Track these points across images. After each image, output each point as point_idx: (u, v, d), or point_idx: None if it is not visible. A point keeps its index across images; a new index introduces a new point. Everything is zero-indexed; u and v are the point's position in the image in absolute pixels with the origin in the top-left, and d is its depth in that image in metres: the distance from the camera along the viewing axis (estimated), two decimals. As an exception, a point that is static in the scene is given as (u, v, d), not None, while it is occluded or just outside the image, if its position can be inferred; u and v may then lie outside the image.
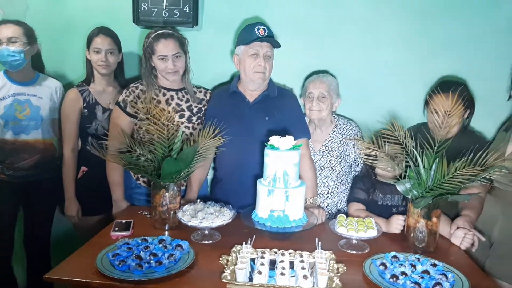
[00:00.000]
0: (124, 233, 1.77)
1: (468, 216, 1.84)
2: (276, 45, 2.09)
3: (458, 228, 1.77)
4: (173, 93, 2.20)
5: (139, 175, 2.21)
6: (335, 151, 2.28)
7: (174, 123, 1.83)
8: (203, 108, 2.25)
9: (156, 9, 2.45)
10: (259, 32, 2.02)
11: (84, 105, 2.26)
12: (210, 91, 2.34)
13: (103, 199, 2.27)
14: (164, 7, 2.45)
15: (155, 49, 2.08)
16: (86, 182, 2.32)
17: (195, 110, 2.22)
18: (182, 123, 2.17)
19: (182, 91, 2.23)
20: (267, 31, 2.04)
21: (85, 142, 2.30)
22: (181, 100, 2.21)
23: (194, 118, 2.21)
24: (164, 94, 2.18)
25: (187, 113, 2.19)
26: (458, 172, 1.60)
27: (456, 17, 2.34)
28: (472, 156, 1.65)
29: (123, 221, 1.87)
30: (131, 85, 2.19)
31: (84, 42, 2.30)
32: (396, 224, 1.85)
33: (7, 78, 2.20)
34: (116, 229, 1.80)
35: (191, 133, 2.17)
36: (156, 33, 2.09)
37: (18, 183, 2.24)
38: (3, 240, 2.30)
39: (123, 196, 2.20)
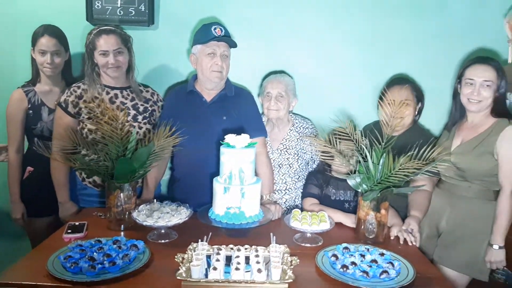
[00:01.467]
0: (77, 235, 1.74)
1: (415, 217, 1.93)
2: (232, 44, 2.10)
3: (393, 226, 1.88)
4: (117, 92, 2.16)
5: (85, 176, 2.17)
6: (293, 149, 2.33)
7: (120, 120, 1.79)
8: (149, 108, 2.21)
9: (111, 7, 2.41)
10: (215, 32, 2.03)
11: (29, 106, 2.18)
12: (158, 93, 2.31)
13: (50, 200, 2.19)
14: (119, 5, 2.41)
15: (96, 45, 2.05)
16: (32, 183, 2.24)
17: (141, 108, 2.18)
18: (128, 121, 2.10)
19: (127, 90, 2.19)
20: (223, 31, 2.06)
21: (32, 143, 2.23)
22: (126, 98, 2.17)
23: (140, 117, 2.17)
24: (108, 93, 2.13)
25: (132, 112, 2.15)
26: (404, 166, 1.69)
27: (407, 17, 2.45)
28: (417, 151, 1.74)
29: (77, 223, 1.84)
30: (73, 85, 2.13)
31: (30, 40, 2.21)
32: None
33: None
34: (69, 231, 1.76)
35: (137, 132, 2.13)
36: (98, 29, 2.08)
37: None
38: None
39: (69, 197, 2.15)
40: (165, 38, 2.48)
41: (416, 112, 2.24)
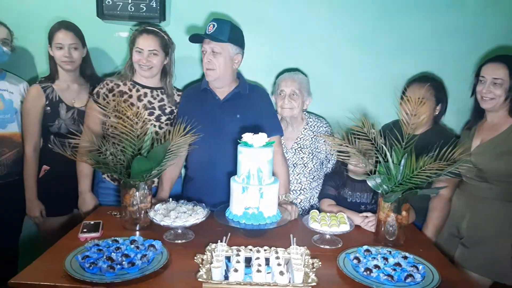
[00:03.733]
0: (93, 234, 1.71)
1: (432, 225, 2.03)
2: (215, 40, 2.00)
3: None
4: (147, 91, 2.17)
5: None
6: (307, 148, 2.30)
7: (142, 119, 1.77)
8: (175, 110, 2.22)
9: (121, 3, 2.38)
10: (207, 29, 2.02)
11: (47, 102, 2.17)
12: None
13: (66, 199, 2.21)
14: (130, 1, 2.38)
15: (135, 42, 2.09)
16: (48, 182, 2.23)
17: (167, 110, 2.19)
18: (150, 120, 2.12)
19: (158, 90, 2.19)
20: (216, 27, 2.00)
21: (47, 141, 2.20)
22: (155, 98, 2.17)
23: (163, 118, 2.17)
24: (138, 90, 2.15)
25: (157, 112, 2.16)
26: (426, 166, 1.66)
27: (424, 14, 2.41)
28: (439, 151, 1.71)
29: (92, 222, 1.81)
30: (107, 78, 2.17)
31: (45, 37, 2.20)
32: (368, 227, 1.90)
33: None
34: (85, 230, 1.73)
35: (156, 132, 2.12)
36: (143, 27, 2.11)
37: None
38: None
39: (90, 188, 2.15)
40: (177, 35, 2.44)
41: (437, 112, 2.21)
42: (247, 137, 1.75)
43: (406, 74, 2.44)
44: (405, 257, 1.56)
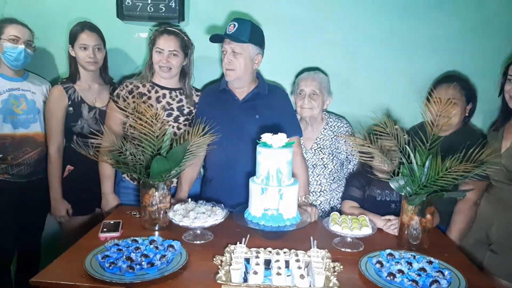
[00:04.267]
0: (113, 234, 1.71)
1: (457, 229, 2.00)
2: (236, 40, 1.99)
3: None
4: (166, 92, 2.17)
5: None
6: (327, 148, 2.26)
7: (160, 120, 1.77)
8: (193, 111, 2.22)
9: (141, 4, 2.40)
10: (228, 29, 2.00)
11: (69, 103, 2.20)
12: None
13: (89, 199, 2.23)
14: (149, 2, 2.39)
15: (156, 42, 2.10)
16: (72, 182, 2.25)
17: (186, 111, 2.19)
18: (168, 121, 2.13)
19: (176, 91, 2.20)
20: (236, 27, 1.98)
21: (70, 141, 2.23)
22: (173, 99, 2.18)
23: (181, 119, 2.17)
24: (157, 92, 2.16)
25: (175, 113, 2.16)
26: (452, 168, 1.60)
27: (448, 12, 2.35)
28: (465, 153, 1.65)
29: (112, 222, 1.82)
30: (127, 80, 2.19)
31: (65, 38, 2.23)
32: (391, 231, 1.85)
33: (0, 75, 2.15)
34: (105, 230, 1.74)
35: (174, 133, 2.13)
36: (163, 28, 2.12)
37: (19, 183, 2.18)
38: (6, 244, 2.22)
39: (113, 189, 2.17)
40: (196, 35, 2.44)
41: (466, 113, 2.14)
42: (266, 137, 1.73)
43: (429, 74, 2.38)
44: (430, 262, 1.51)
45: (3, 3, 2.45)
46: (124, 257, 1.46)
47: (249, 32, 1.99)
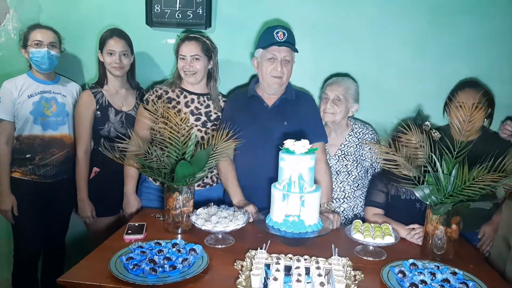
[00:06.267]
0: (138, 236, 1.75)
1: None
2: (294, 49, 2.05)
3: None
4: (194, 97, 2.21)
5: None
6: (351, 155, 2.24)
7: (188, 124, 1.80)
8: (221, 116, 2.24)
9: (169, 11, 2.45)
10: (278, 36, 2.00)
11: (97, 107, 2.27)
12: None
13: (115, 200, 2.29)
14: (177, 9, 2.45)
15: (179, 50, 2.15)
16: (98, 183, 2.32)
17: (213, 116, 2.22)
18: (196, 125, 2.16)
19: (204, 96, 2.24)
20: (286, 35, 2.00)
21: (98, 144, 2.30)
22: (201, 104, 2.21)
23: (209, 124, 2.20)
24: (185, 97, 2.20)
25: (203, 118, 2.19)
26: (479, 178, 1.56)
27: (473, 17, 2.31)
28: (493, 161, 1.60)
29: (136, 224, 1.86)
30: (157, 85, 2.24)
31: (96, 44, 2.31)
32: (414, 240, 1.82)
33: (32, 78, 2.24)
34: (129, 232, 1.79)
35: (202, 137, 2.16)
36: (186, 35, 2.17)
37: (45, 183, 2.27)
38: (33, 244, 2.32)
39: (134, 190, 2.23)
40: (223, 41, 2.47)
41: (485, 119, 2.08)
42: (288, 143, 1.73)
43: (455, 79, 2.33)
44: (454, 273, 1.47)
45: (38, 11, 2.56)
46: (147, 259, 1.50)
47: (294, 39, 2.04)
